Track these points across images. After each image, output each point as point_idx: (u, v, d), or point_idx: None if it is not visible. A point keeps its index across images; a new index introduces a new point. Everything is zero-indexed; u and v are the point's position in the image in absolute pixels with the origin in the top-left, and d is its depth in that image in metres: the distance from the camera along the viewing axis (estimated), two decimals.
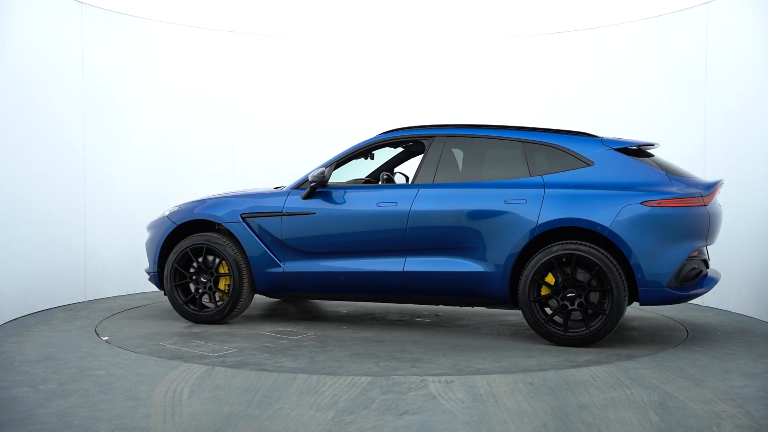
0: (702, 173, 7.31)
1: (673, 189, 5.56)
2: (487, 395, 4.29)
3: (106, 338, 5.79)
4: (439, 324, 6.51)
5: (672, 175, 5.70)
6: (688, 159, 7.48)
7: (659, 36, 7.86)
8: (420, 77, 9.40)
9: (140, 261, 8.22)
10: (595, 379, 4.65)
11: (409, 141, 6.43)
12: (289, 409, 4.04)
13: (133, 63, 8.08)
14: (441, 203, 5.94)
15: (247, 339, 5.84)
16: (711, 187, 5.68)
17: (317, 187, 6.24)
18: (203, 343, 5.69)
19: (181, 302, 6.48)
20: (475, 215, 5.84)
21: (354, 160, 6.51)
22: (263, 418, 3.88)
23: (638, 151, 5.97)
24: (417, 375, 4.73)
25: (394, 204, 6.04)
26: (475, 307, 6.62)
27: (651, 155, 6.01)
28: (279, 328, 6.30)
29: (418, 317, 6.82)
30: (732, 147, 7.04)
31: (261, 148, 9.00)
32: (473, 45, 9.29)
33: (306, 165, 7.85)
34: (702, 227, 5.58)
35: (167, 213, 6.75)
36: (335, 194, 6.26)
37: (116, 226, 7.96)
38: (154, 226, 6.80)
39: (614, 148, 5.80)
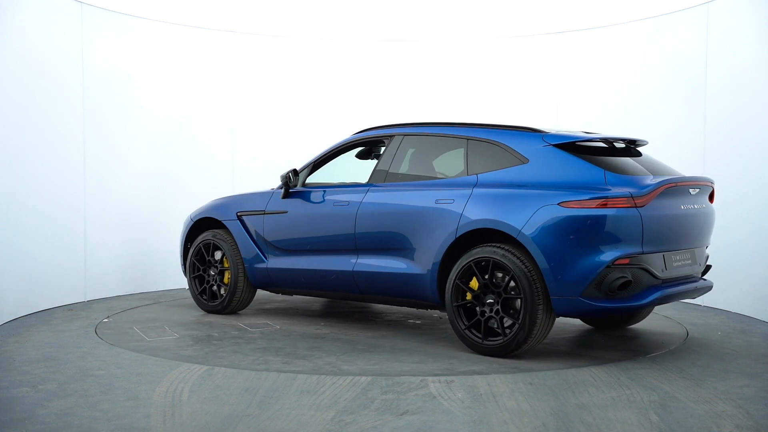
0: (702, 172, 7.31)
1: (607, 189, 5.00)
2: (487, 395, 4.28)
3: (107, 319, 5.76)
4: (441, 325, 6.51)
5: (616, 173, 5.10)
6: (688, 158, 7.49)
7: (659, 36, 7.86)
8: (420, 77, 9.40)
9: (140, 261, 8.23)
10: (595, 379, 4.65)
11: (375, 141, 6.39)
12: (289, 409, 4.04)
13: (133, 63, 8.08)
14: (383, 204, 5.92)
15: (217, 328, 5.85)
16: (648, 188, 5.02)
17: (290, 187, 6.54)
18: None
19: (196, 292, 7.05)
20: (409, 216, 5.72)
21: (353, 159, 6.60)
22: (263, 418, 3.88)
23: (626, 149, 5.53)
24: (417, 375, 4.73)
25: (347, 204, 6.15)
26: None
27: (636, 151, 5.61)
28: (261, 321, 6.31)
29: (418, 319, 6.82)
30: (731, 146, 7.04)
31: (261, 148, 9.00)
32: (473, 45, 9.29)
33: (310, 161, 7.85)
34: (631, 231, 4.93)
35: (193, 211, 7.39)
36: (306, 195, 6.52)
37: (116, 226, 7.96)
38: (183, 223, 7.44)
39: (553, 144, 5.31)
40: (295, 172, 6.54)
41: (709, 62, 7.28)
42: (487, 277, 5.20)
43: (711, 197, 5.70)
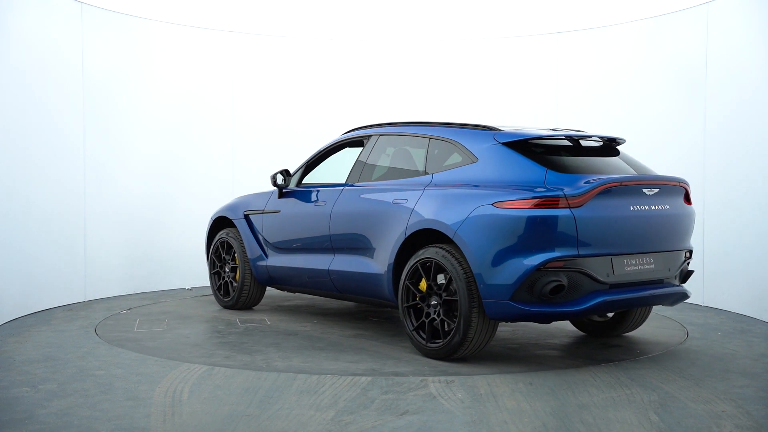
0: (702, 172, 7.32)
1: (543, 188, 4.78)
2: (487, 395, 4.28)
3: (125, 311, 5.78)
4: None
5: (560, 172, 4.86)
6: (688, 158, 7.49)
7: (659, 36, 7.86)
8: (420, 77, 9.40)
9: (140, 261, 8.23)
10: (595, 379, 4.65)
11: (358, 141, 6.41)
12: (289, 409, 4.04)
13: (133, 63, 8.09)
14: (352, 204, 5.96)
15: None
16: (584, 188, 4.73)
17: (281, 187, 6.76)
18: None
19: (214, 288, 7.34)
20: (371, 216, 5.74)
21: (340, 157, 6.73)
22: (263, 418, 3.88)
23: (599, 147, 5.32)
24: (417, 375, 4.73)
25: (324, 204, 6.23)
26: None
27: (611, 150, 5.38)
28: (259, 317, 6.32)
29: None
30: (731, 146, 7.04)
31: (261, 148, 9.00)
32: (473, 45, 9.29)
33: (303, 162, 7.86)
34: (564, 233, 4.67)
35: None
36: (296, 195, 6.68)
37: (116, 226, 7.96)
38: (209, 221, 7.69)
39: (502, 142, 5.14)
40: (287, 172, 6.77)
41: (709, 62, 7.28)
42: (431, 278, 5.11)
43: (687, 198, 5.35)
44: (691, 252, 5.42)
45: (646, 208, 4.97)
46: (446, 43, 9.40)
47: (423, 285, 5.17)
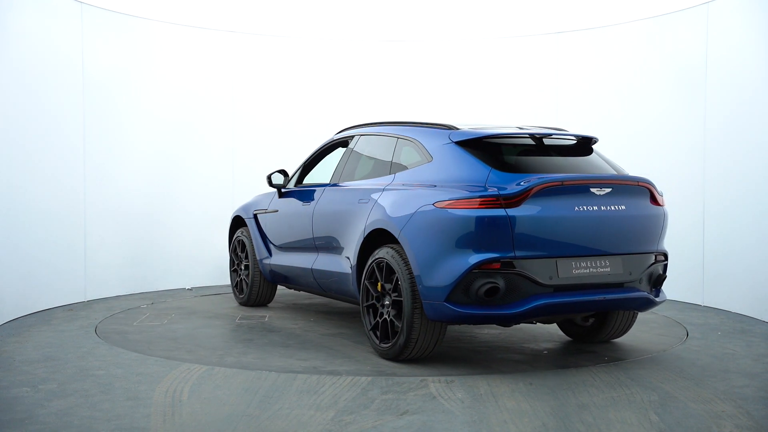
0: (702, 172, 7.32)
1: (482, 188, 4.67)
2: (487, 395, 4.28)
3: (144, 306, 5.79)
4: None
5: (505, 172, 4.75)
6: (688, 158, 7.49)
7: (659, 36, 7.86)
8: (420, 77, 9.40)
9: (140, 260, 8.23)
10: (595, 379, 4.65)
11: (345, 141, 6.43)
12: (289, 409, 4.04)
13: (132, 63, 8.09)
14: (329, 204, 6.03)
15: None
16: (520, 188, 4.59)
17: (279, 187, 6.87)
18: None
19: (232, 285, 7.54)
20: (341, 216, 5.78)
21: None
22: (263, 418, 3.88)
23: (568, 147, 5.18)
24: (417, 375, 4.72)
25: (308, 205, 6.32)
26: None
27: (585, 148, 5.24)
28: (260, 314, 6.32)
29: None
30: (732, 146, 7.04)
31: (261, 148, 9.00)
32: (473, 45, 9.29)
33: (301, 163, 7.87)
34: (499, 234, 4.53)
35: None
36: (292, 195, 6.75)
37: (116, 226, 7.96)
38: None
39: (455, 141, 5.06)
40: (285, 172, 6.89)
41: (709, 62, 7.28)
42: (384, 278, 5.08)
43: (654, 199, 5.07)
44: (665, 255, 5.16)
45: (595, 208, 4.74)
46: (446, 43, 9.40)
47: (379, 285, 5.16)
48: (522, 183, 4.61)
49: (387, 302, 5.09)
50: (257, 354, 5.34)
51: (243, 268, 7.33)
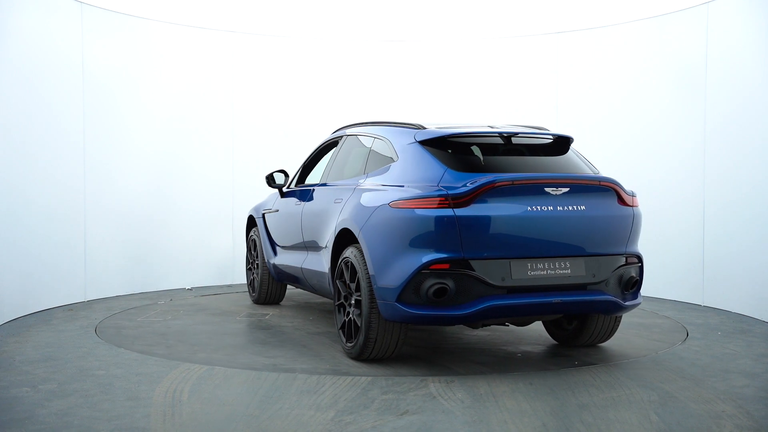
0: (702, 172, 7.32)
1: (434, 188, 4.62)
2: (487, 395, 4.28)
3: (163, 302, 5.79)
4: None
5: (460, 171, 4.70)
6: (688, 158, 7.49)
7: (659, 36, 7.86)
8: (420, 77, 9.40)
9: (140, 260, 8.23)
10: (595, 379, 4.65)
11: (335, 141, 6.44)
12: (289, 409, 4.04)
13: (132, 63, 8.09)
14: (314, 204, 6.08)
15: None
16: (468, 188, 4.53)
17: (281, 187, 6.96)
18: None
19: (247, 284, 7.68)
20: (321, 216, 5.81)
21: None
22: (263, 418, 3.88)
23: (540, 146, 5.10)
24: (417, 375, 4.73)
25: (300, 204, 6.38)
26: None
27: (559, 148, 5.13)
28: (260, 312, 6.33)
29: None
30: (732, 146, 7.04)
31: (260, 147, 9.00)
32: (473, 45, 9.29)
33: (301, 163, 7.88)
34: (446, 235, 4.47)
35: None
36: (291, 195, 6.80)
37: (116, 226, 7.96)
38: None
39: (419, 140, 5.02)
40: (284, 173, 6.99)
41: (709, 62, 7.28)
42: (350, 278, 5.08)
43: (621, 199, 4.88)
44: (637, 257, 4.99)
45: (551, 208, 4.61)
46: (446, 43, 9.40)
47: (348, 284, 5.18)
48: (469, 183, 4.55)
49: (353, 302, 5.08)
50: (227, 351, 5.39)
51: (255, 266, 7.43)
